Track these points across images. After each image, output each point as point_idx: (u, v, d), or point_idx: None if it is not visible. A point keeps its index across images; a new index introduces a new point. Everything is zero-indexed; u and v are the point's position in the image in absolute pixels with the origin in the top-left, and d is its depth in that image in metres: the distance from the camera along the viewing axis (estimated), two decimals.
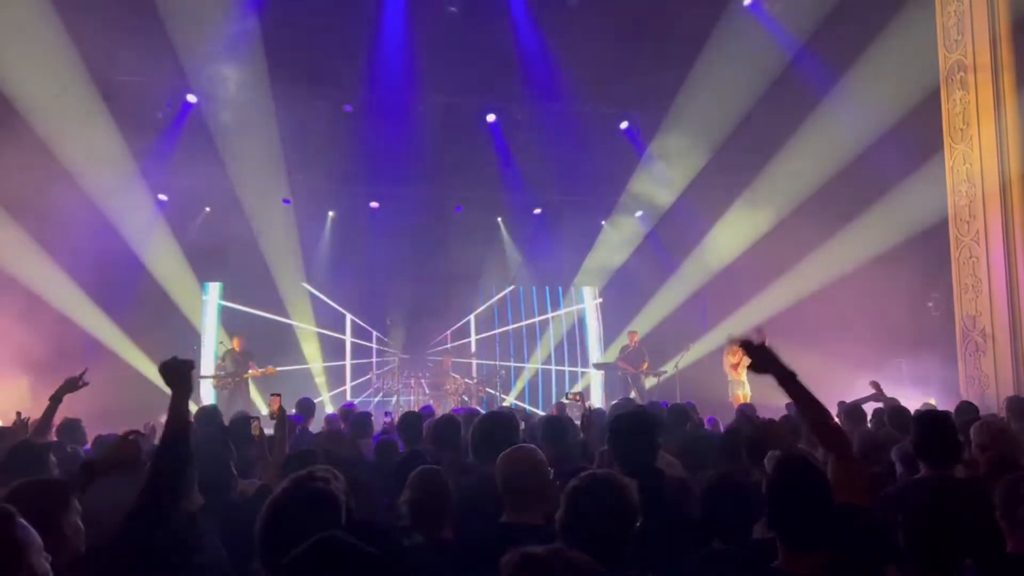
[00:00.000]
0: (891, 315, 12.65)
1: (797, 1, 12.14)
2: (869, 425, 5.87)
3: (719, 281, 14.10)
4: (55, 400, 4.73)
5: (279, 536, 2.13)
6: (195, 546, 2.85)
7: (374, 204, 15.07)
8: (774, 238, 13.24)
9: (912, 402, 8.24)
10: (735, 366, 12.32)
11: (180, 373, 2.86)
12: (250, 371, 12.44)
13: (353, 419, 6.77)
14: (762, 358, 2.85)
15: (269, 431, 4.95)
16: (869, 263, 12.39)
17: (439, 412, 10.46)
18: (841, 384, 10.94)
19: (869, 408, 6.60)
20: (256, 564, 2.24)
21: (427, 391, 13.82)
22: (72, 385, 4.76)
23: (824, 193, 12.59)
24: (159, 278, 13.00)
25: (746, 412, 6.63)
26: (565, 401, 8.38)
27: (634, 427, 3.49)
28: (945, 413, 3.96)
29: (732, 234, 14.07)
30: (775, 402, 7.28)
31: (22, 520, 2.00)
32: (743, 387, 12.21)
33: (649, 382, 13.76)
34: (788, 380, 2.83)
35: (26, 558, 1.94)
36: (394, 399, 13.37)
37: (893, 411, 5.56)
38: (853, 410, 5.88)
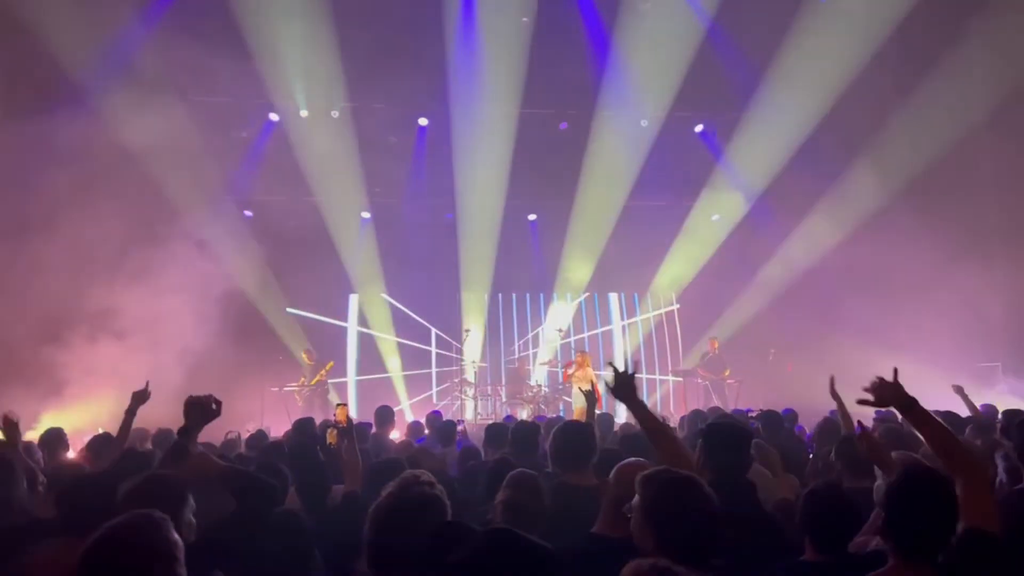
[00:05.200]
0: (987, 315, 12.12)
1: None
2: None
3: (802, 284, 13.72)
4: (130, 413, 4.86)
5: (389, 538, 2.21)
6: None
7: (450, 215, 15.27)
8: (861, 238, 12.86)
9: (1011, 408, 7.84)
10: (566, 377, 12.48)
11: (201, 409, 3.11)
12: (315, 378, 12.85)
13: (439, 428, 6.86)
14: (623, 388, 3.12)
15: None
16: (964, 260, 11.90)
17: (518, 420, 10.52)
18: (932, 388, 10.50)
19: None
20: (360, 565, 2.32)
21: (504, 399, 13.90)
22: (141, 397, 4.86)
23: (916, 188, 12.18)
24: (246, 291, 13.43)
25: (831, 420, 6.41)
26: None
27: (729, 440, 3.45)
28: None
29: (816, 235, 13.73)
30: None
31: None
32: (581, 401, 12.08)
33: (729, 389, 13.51)
34: (915, 409, 2.81)
35: (176, 570, 2.03)
36: (473, 407, 13.48)
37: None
38: (948, 420, 5.61)
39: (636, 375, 3.23)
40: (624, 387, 3.18)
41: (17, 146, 10.27)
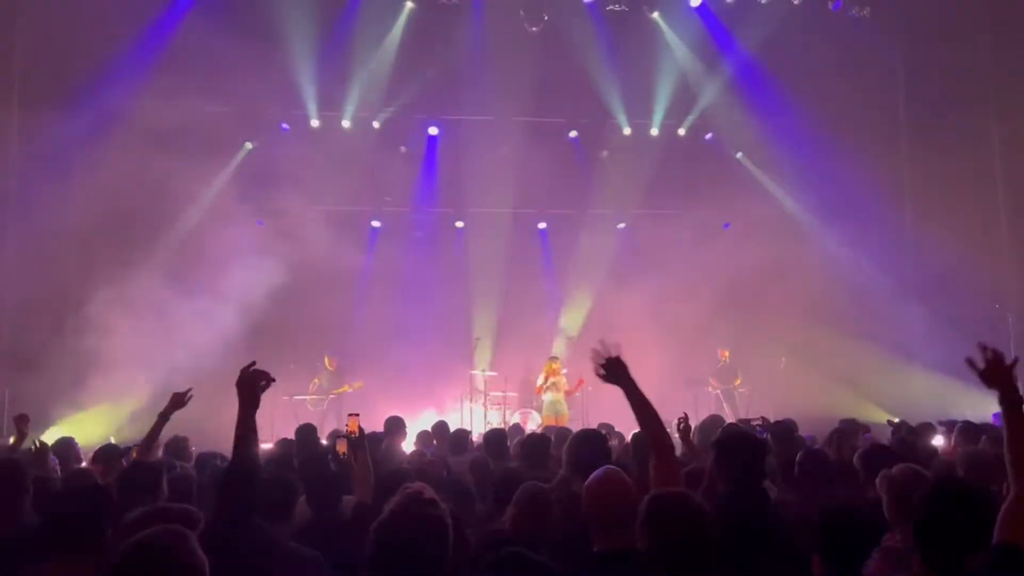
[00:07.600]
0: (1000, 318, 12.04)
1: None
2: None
3: (814, 291, 13.62)
4: (163, 417, 4.72)
5: (389, 557, 2.20)
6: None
7: (459, 224, 15.27)
8: (870, 241, 12.82)
9: None
10: (539, 390, 12.50)
11: (252, 386, 3.00)
12: (340, 388, 12.83)
13: (449, 437, 6.83)
14: (614, 370, 3.10)
15: None
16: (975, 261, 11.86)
17: (527, 428, 10.48)
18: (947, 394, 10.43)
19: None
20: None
21: (516, 408, 13.82)
22: (179, 402, 4.74)
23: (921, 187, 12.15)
24: (258, 299, 13.42)
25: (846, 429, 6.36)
26: None
27: (742, 451, 3.39)
28: None
29: (826, 240, 13.72)
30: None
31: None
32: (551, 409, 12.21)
33: (740, 398, 13.41)
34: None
35: None
36: (484, 415, 13.41)
37: None
38: (967, 428, 5.57)
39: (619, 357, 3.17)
40: (615, 369, 3.14)
41: (35, 135, 10.40)
